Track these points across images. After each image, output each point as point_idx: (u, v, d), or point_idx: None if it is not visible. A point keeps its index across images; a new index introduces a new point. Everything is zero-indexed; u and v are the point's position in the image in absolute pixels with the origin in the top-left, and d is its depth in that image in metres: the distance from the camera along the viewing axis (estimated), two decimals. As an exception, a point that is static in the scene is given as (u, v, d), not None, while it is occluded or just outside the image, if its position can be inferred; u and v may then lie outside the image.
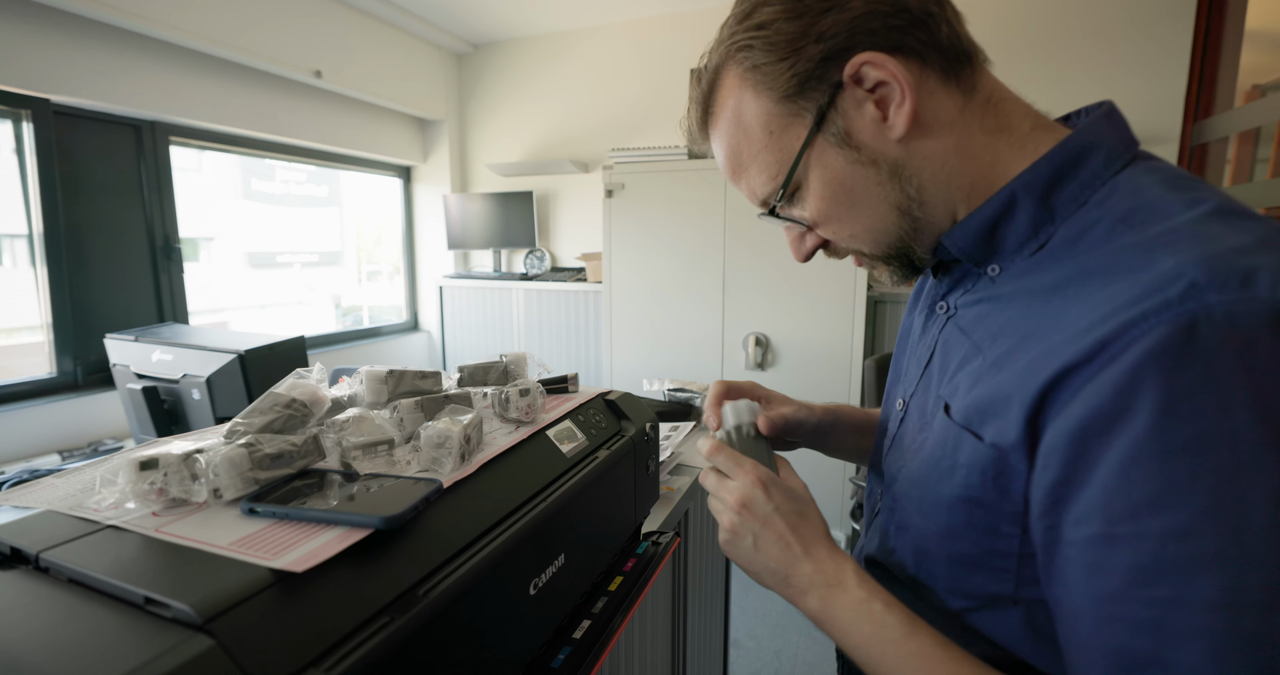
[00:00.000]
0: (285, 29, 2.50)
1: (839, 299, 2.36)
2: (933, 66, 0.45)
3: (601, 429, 0.78)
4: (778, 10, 0.45)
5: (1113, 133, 0.45)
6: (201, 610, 0.36)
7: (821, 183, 0.48)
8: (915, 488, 0.50)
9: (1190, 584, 0.32)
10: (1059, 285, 0.42)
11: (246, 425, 0.57)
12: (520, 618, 0.56)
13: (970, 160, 0.47)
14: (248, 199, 2.78)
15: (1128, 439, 0.34)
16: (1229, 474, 0.31)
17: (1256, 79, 2.28)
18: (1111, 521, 0.34)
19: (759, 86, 0.48)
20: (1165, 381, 0.33)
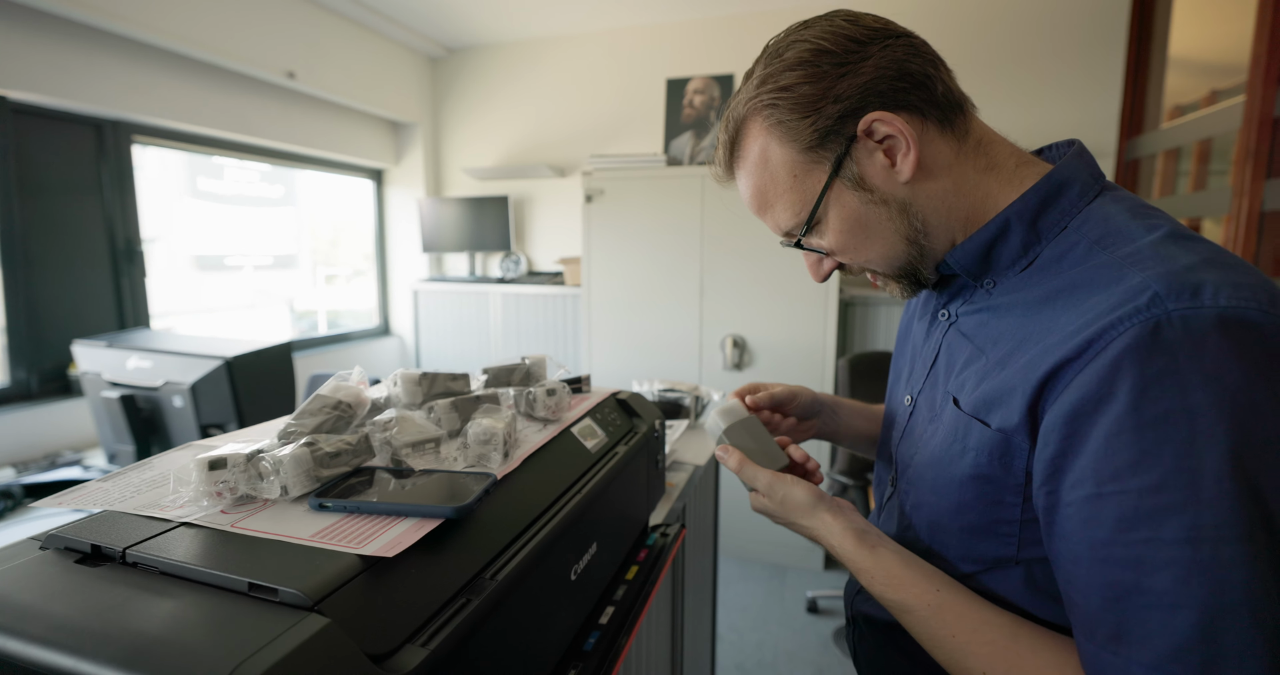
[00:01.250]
0: (259, 30, 2.47)
1: (812, 301, 2.45)
2: (931, 119, 0.54)
3: (617, 426, 0.83)
4: (800, 76, 0.54)
5: (1084, 169, 0.54)
6: (311, 593, 0.39)
7: (840, 219, 0.57)
8: (929, 470, 0.57)
9: (1161, 527, 0.40)
10: (1049, 297, 0.50)
11: (299, 426, 0.60)
12: (564, 601, 0.60)
13: (966, 196, 0.55)
14: (195, 198, 2.66)
15: (1111, 416, 0.42)
16: (1188, 441, 0.40)
17: (1178, 100, 2.47)
18: (1100, 482, 0.42)
19: (784, 138, 0.56)
20: (1138, 371, 0.41)
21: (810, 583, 2.54)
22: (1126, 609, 0.41)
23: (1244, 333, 0.40)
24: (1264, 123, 1.82)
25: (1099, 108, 2.56)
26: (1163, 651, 0.40)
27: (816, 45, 0.54)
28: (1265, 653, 0.37)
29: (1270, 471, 0.39)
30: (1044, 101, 2.61)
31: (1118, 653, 0.42)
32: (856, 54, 0.53)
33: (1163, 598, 0.40)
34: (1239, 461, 0.39)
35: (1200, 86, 2.35)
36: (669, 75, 2.96)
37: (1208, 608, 0.38)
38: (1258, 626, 0.38)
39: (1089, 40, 2.54)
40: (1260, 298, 0.41)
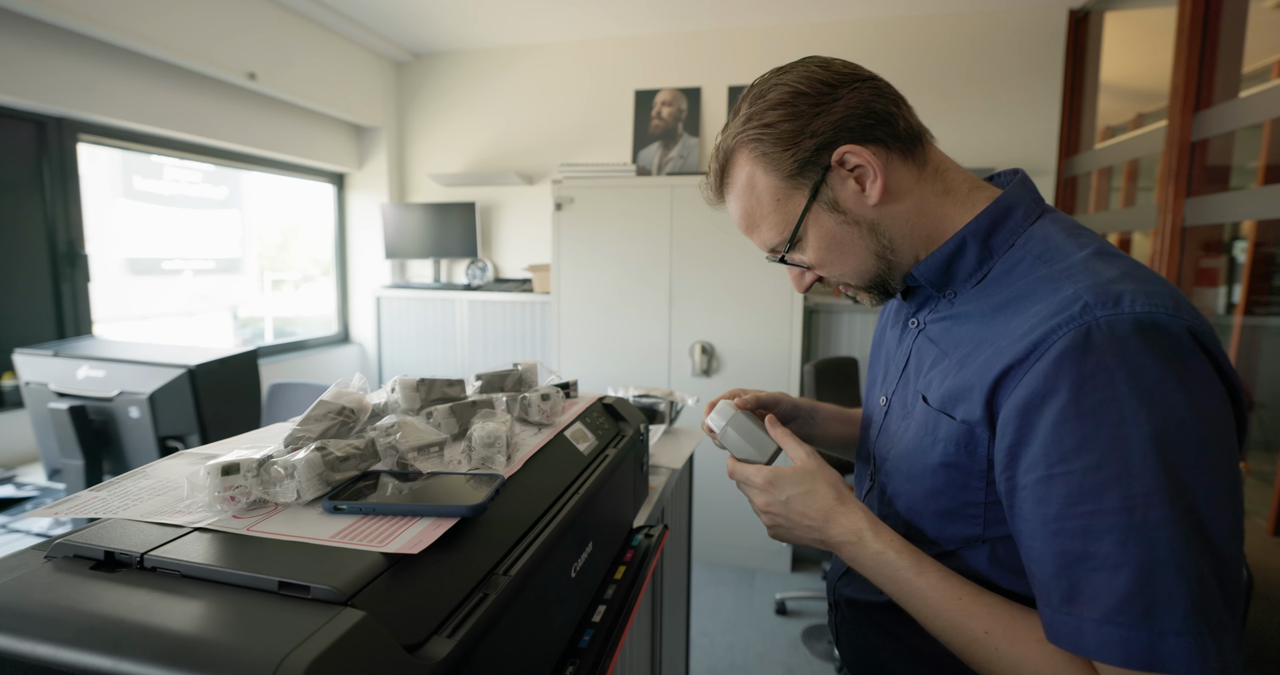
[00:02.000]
0: (220, 30, 2.41)
1: (779, 309, 2.53)
2: (895, 150, 0.61)
3: (605, 430, 0.86)
4: (780, 115, 0.61)
5: (1027, 194, 0.62)
6: (343, 589, 0.41)
7: (818, 238, 0.64)
8: (904, 461, 0.64)
9: (1102, 499, 0.47)
10: (1000, 305, 0.58)
11: (306, 432, 0.61)
12: (566, 597, 0.62)
13: (927, 216, 0.63)
14: (129, 199, 2.53)
15: (1056, 408, 0.49)
16: (1118, 425, 0.46)
17: (1109, 122, 2.66)
18: (1050, 465, 0.49)
19: (768, 168, 0.63)
20: (1075, 369, 0.48)
21: (779, 585, 2.59)
22: (1077, 573, 0.48)
23: (1156, 333, 0.47)
24: (1183, 147, 1.97)
25: (1040, 129, 2.73)
26: (1109, 606, 0.46)
27: (794, 88, 0.61)
28: (1188, 597, 0.44)
29: (1182, 446, 0.46)
30: (992, 123, 2.76)
31: (1070, 613, 0.48)
32: (829, 96, 0.61)
33: (1106, 560, 0.46)
34: (1159, 439, 0.45)
35: (1129, 110, 2.53)
36: (637, 86, 3.02)
37: (1142, 564, 0.45)
38: (1181, 576, 0.44)
39: (1029, 67, 2.71)
40: (1168, 304, 0.48)
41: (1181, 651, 0.44)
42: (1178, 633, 0.44)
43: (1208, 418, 0.46)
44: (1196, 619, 0.44)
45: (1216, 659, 0.43)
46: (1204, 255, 2.06)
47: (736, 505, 2.70)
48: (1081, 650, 0.47)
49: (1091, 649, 0.47)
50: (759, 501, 0.67)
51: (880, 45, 2.81)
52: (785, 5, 2.70)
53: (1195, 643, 0.43)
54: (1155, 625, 0.44)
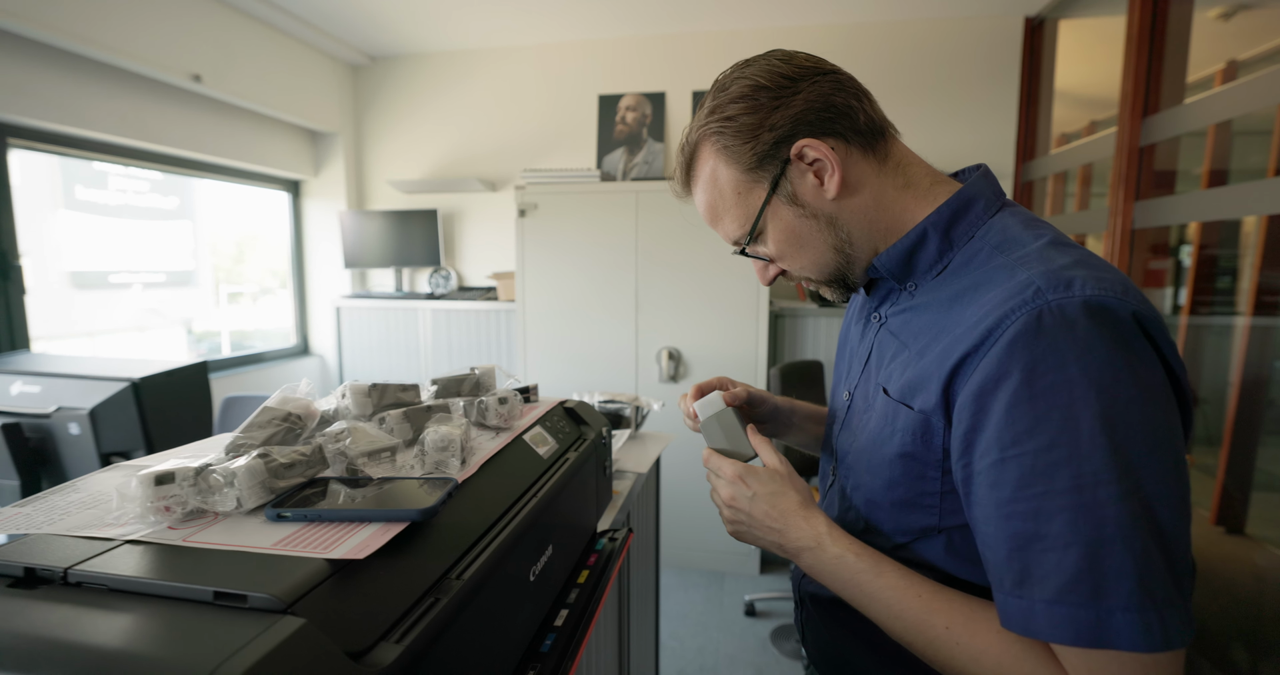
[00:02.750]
0: (161, 29, 2.32)
1: (744, 314, 2.54)
2: (855, 144, 0.62)
3: (566, 434, 0.85)
4: (741, 108, 0.62)
5: (988, 187, 0.63)
6: (283, 596, 0.39)
7: (777, 230, 0.65)
8: (865, 454, 0.64)
9: (1053, 480, 0.47)
10: (958, 295, 0.58)
11: (248, 438, 0.58)
12: (524, 602, 0.61)
13: (886, 210, 0.63)
14: (70, 209, 2.41)
15: (1009, 391, 0.49)
16: (1068, 406, 0.47)
17: (1065, 129, 2.75)
18: (1003, 449, 0.49)
19: (729, 160, 0.64)
20: (1027, 352, 0.49)
21: (748, 587, 2.60)
22: (1028, 555, 0.48)
23: (1104, 316, 0.48)
24: (1132, 151, 2.04)
25: (998, 134, 2.81)
26: (1059, 586, 0.46)
27: (755, 81, 0.62)
28: (1134, 572, 0.45)
29: (1129, 425, 0.46)
30: (951, 128, 2.83)
31: (1022, 595, 0.48)
32: (788, 89, 0.61)
33: (1057, 540, 0.47)
34: (1107, 419, 0.46)
35: (1083, 117, 2.62)
36: (601, 91, 3.02)
37: (1090, 542, 0.46)
38: (1129, 552, 0.45)
39: (988, 74, 2.79)
40: (1116, 289, 0.49)
41: (1127, 627, 0.44)
42: (1124, 609, 0.45)
43: (1153, 398, 0.47)
44: (1142, 595, 0.44)
45: (1161, 633, 0.44)
46: (1152, 257, 2.14)
47: (705, 509, 2.71)
48: (1034, 632, 0.48)
49: (1043, 630, 0.47)
50: (725, 494, 0.67)
51: (842, 51, 2.86)
52: (749, 10, 2.73)
53: (1140, 618, 0.44)
54: (1103, 602, 0.45)
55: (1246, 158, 1.87)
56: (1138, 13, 2.02)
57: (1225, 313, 2.01)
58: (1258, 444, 1.89)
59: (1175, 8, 1.96)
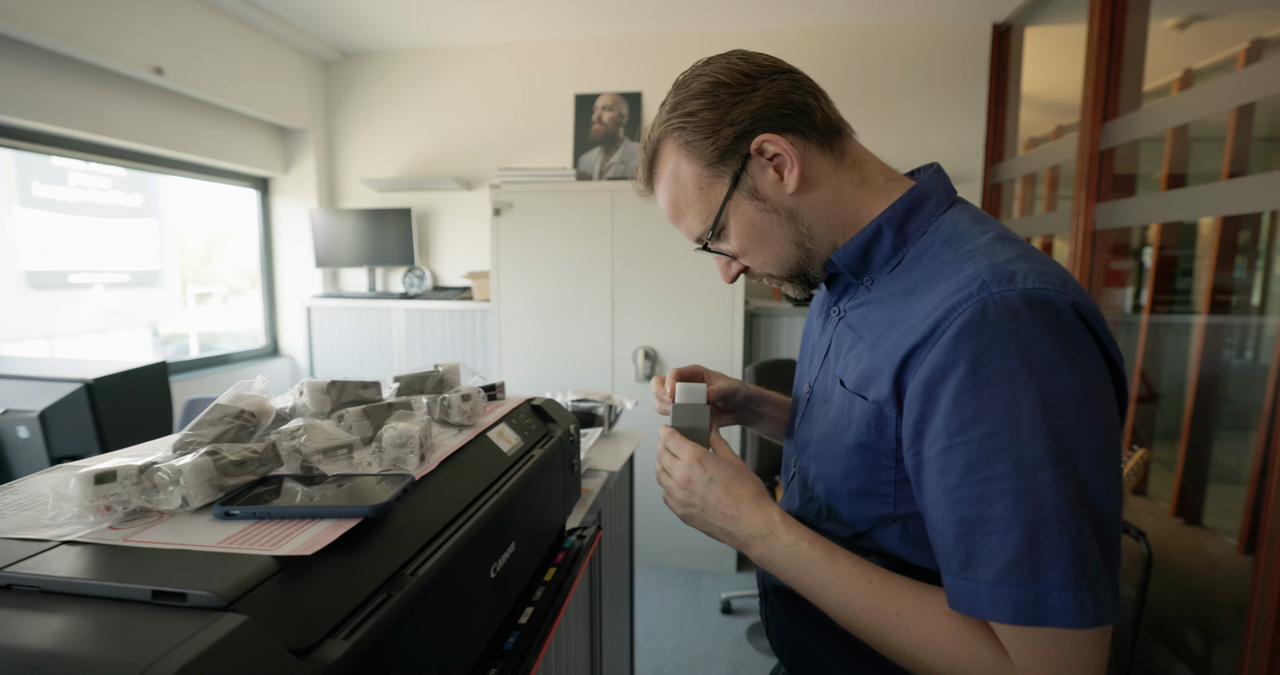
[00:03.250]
0: (119, 19, 2.25)
1: (720, 313, 2.55)
2: (813, 140, 0.63)
3: (532, 431, 0.84)
4: (702, 103, 0.63)
5: (940, 185, 0.65)
6: (225, 594, 0.38)
7: (739, 225, 0.66)
8: (823, 444, 0.66)
9: (996, 465, 0.49)
10: (911, 288, 0.60)
11: (198, 436, 0.57)
12: (484, 599, 0.60)
13: (844, 205, 0.65)
14: (27, 206, 2.32)
15: (955, 381, 0.51)
16: (1010, 394, 0.49)
17: (1033, 133, 2.81)
18: (950, 436, 0.51)
19: (691, 156, 0.65)
20: (972, 342, 0.50)
21: (724, 585, 2.60)
22: (973, 538, 0.50)
23: (1044, 307, 0.50)
24: (1093, 155, 2.09)
25: (968, 136, 2.86)
26: (1000, 567, 0.48)
27: (715, 78, 0.63)
28: (1069, 553, 0.46)
29: (1067, 412, 0.48)
30: (922, 131, 2.87)
31: (967, 577, 0.50)
32: (748, 86, 0.62)
33: (999, 523, 0.48)
34: (1046, 406, 0.48)
35: (1050, 122, 2.68)
36: (577, 91, 3.01)
37: (1030, 524, 0.47)
38: (1065, 534, 0.47)
39: (957, 78, 2.83)
40: (1055, 281, 0.51)
41: (1063, 605, 0.46)
42: (1060, 587, 0.46)
43: (1090, 386, 0.49)
44: (1077, 574, 0.46)
45: (1093, 610, 0.46)
46: (1114, 258, 2.19)
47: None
48: (978, 612, 0.49)
49: (986, 610, 0.49)
50: (681, 475, 0.66)
51: (818, 54, 2.89)
52: (725, 11, 2.75)
53: (1075, 596, 0.46)
54: (1041, 582, 0.47)
55: (1203, 162, 1.93)
56: (1097, 21, 2.08)
57: (1184, 312, 2.07)
58: (1214, 438, 1.95)
59: (1132, 18, 2.02)
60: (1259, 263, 1.87)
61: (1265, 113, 1.72)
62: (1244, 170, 1.77)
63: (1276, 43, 1.63)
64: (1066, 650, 0.47)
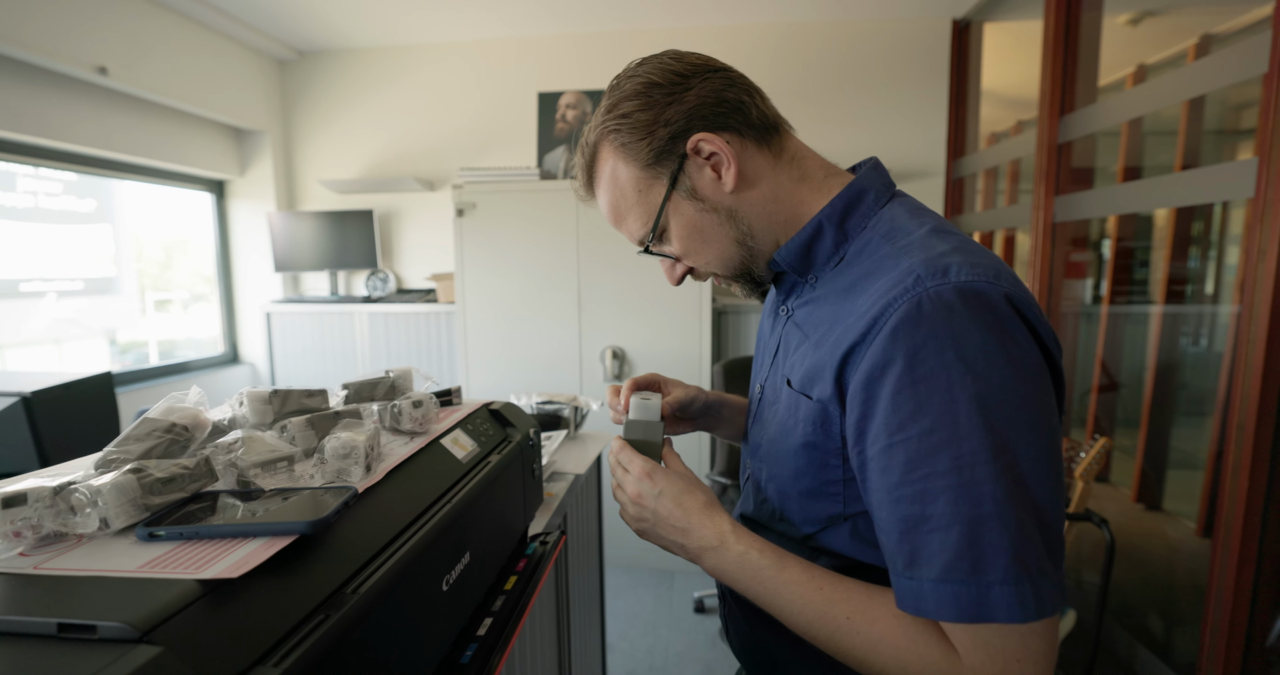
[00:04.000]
0: (59, 17, 2.16)
1: (687, 311, 2.54)
2: (749, 138, 0.63)
3: (490, 436, 0.82)
4: (636, 105, 0.62)
5: (879, 179, 0.65)
6: (137, 624, 0.35)
7: (679, 226, 0.65)
8: (773, 445, 0.65)
9: (935, 462, 0.48)
10: (852, 285, 0.59)
11: (123, 453, 0.54)
12: (436, 613, 0.58)
13: (783, 202, 0.65)
14: None
15: (893, 378, 0.50)
16: (947, 389, 0.48)
17: (994, 128, 2.85)
18: (890, 434, 0.50)
19: (628, 158, 0.64)
20: (908, 338, 0.50)
21: (697, 584, 2.60)
22: (916, 536, 0.49)
23: (977, 300, 0.49)
24: (1051, 148, 2.13)
25: (929, 132, 2.88)
26: (943, 565, 0.48)
27: (648, 79, 0.63)
28: (1009, 547, 0.46)
29: (1004, 405, 0.48)
30: (885, 126, 2.89)
31: (912, 577, 0.49)
32: (681, 85, 0.62)
33: (940, 520, 0.48)
34: (982, 400, 0.48)
35: (1010, 117, 2.73)
36: (540, 89, 2.97)
37: (970, 520, 0.47)
38: (1004, 529, 0.46)
39: (919, 74, 2.86)
40: (989, 274, 0.51)
41: (1004, 600, 0.46)
42: (1001, 582, 0.46)
43: (1026, 378, 0.49)
44: (1018, 568, 0.46)
45: (1035, 604, 0.46)
46: (1073, 250, 2.23)
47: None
48: (923, 612, 0.49)
49: (932, 609, 0.48)
50: (632, 490, 0.66)
51: (780, 50, 2.89)
52: (688, 8, 2.74)
53: (1016, 590, 0.46)
54: (982, 578, 0.47)
55: (1157, 155, 1.98)
56: (1053, 17, 2.12)
57: (1142, 302, 2.12)
58: (1172, 425, 2.00)
59: (1087, 14, 2.06)
60: (1212, 253, 1.92)
61: (1215, 106, 1.77)
62: (1196, 162, 1.82)
63: (1225, 38, 1.67)
64: (1014, 645, 0.47)
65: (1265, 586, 1.42)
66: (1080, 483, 1.73)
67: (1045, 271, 2.20)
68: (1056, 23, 2.11)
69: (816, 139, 2.80)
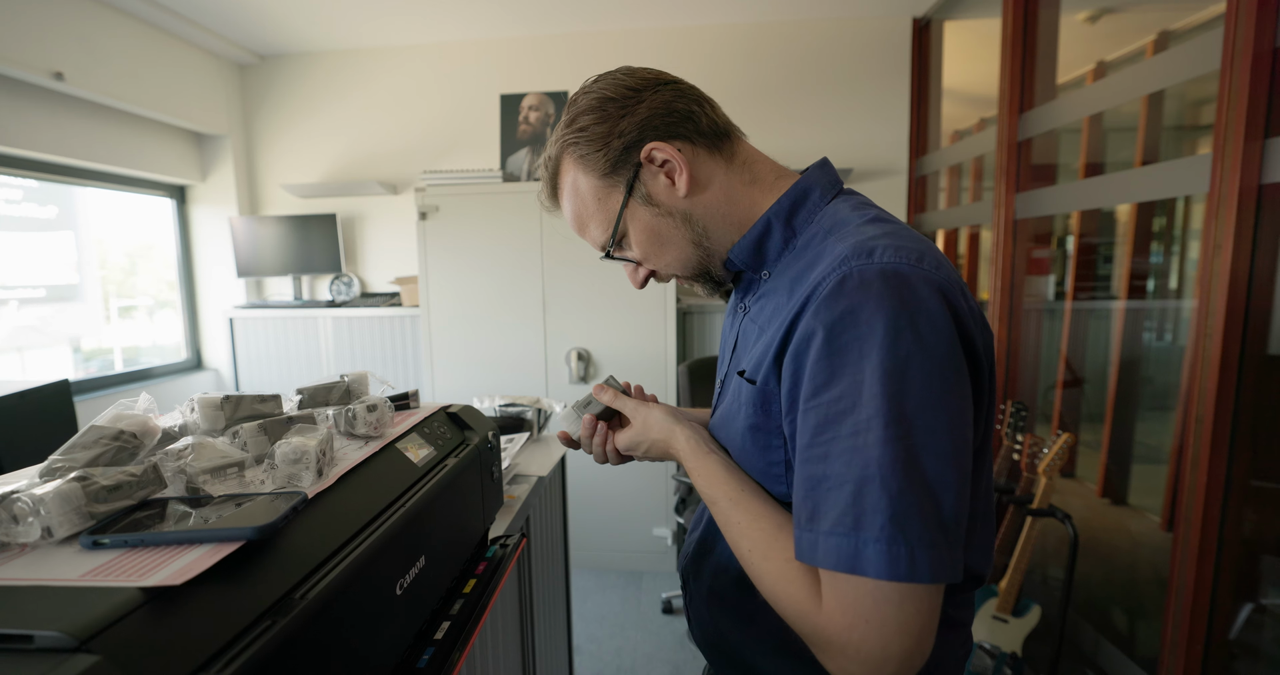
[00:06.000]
0: (12, 21, 2.11)
1: (652, 312, 2.56)
2: (700, 145, 0.67)
3: (447, 440, 0.82)
4: (591, 119, 0.67)
5: (824, 177, 0.69)
6: (75, 632, 0.35)
7: (638, 231, 0.69)
8: (724, 431, 0.70)
9: (839, 426, 0.52)
10: (798, 276, 0.63)
11: (68, 461, 0.53)
12: (389, 617, 0.58)
13: (736, 204, 0.69)
14: None
15: (815, 348, 0.54)
16: (858, 360, 0.52)
17: (957, 126, 2.91)
18: (807, 400, 0.55)
19: (586, 169, 0.68)
20: (829, 312, 0.53)
21: (665, 585, 2.62)
22: (817, 494, 0.53)
23: (897, 280, 0.52)
24: (1011, 145, 2.17)
25: (892, 131, 2.93)
26: (833, 519, 0.51)
27: (602, 94, 0.67)
28: (887, 510, 0.49)
29: (906, 379, 0.51)
30: (848, 125, 2.93)
31: (812, 530, 0.53)
32: (632, 99, 0.66)
33: (836, 479, 0.52)
34: (886, 371, 0.51)
35: (973, 115, 2.78)
36: (503, 91, 2.97)
37: (857, 480, 0.50)
38: (884, 491, 0.49)
39: (881, 72, 2.90)
40: (911, 257, 0.54)
41: (875, 557, 0.49)
42: (875, 540, 0.49)
43: (932, 356, 0.51)
44: (893, 529, 0.49)
45: (908, 566, 0.48)
46: (1036, 246, 2.26)
47: (620, 509, 2.72)
48: (814, 561, 0.52)
49: (819, 558, 0.52)
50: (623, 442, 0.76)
51: (741, 50, 2.92)
52: (649, 9, 2.75)
53: (889, 549, 0.48)
54: (861, 534, 0.50)
55: (1118, 152, 2.01)
56: (1010, 15, 2.16)
57: (1105, 297, 2.14)
58: (1136, 419, 2.02)
59: (1044, 11, 2.10)
60: (1174, 247, 1.94)
61: (1174, 102, 1.80)
62: (1156, 158, 1.84)
63: (1182, 34, 1.70)
64: (868, 605, 0.49)
65: (1225, 579, 1.44)
66: (1044, 478, 1.75)
67: (1007, 268, 2.23)
68: (1015, 20, 2.14)
69: (778, 139, 2.87)
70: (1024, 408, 1.99)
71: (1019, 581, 1.77)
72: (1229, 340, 1.36)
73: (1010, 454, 1.96)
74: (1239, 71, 1.30)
